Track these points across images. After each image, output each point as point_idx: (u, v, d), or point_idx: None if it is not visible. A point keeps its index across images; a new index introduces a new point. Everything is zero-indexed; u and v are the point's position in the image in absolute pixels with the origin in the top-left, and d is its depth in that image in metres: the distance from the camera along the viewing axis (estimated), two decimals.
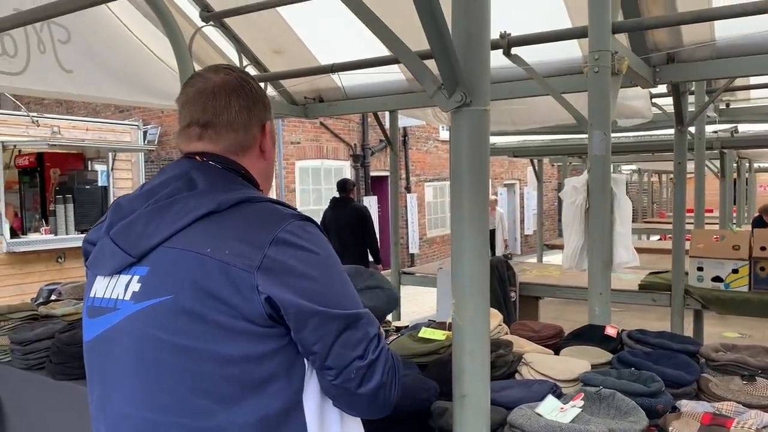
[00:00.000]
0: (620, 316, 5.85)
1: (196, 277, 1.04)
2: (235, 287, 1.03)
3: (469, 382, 1.34)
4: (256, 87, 1.28)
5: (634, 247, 2.62)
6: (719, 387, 1.84)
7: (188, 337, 1.04)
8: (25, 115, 7.94)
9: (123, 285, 1.11)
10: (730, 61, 3.08)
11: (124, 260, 1.12)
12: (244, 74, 1.28)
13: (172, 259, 1.07)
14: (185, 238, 1.07)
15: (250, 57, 4.13)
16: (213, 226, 1.08)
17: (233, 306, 1.03)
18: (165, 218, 1.10)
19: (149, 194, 1.16)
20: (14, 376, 2.71)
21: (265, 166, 1.30)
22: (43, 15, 2.13)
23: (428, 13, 1.19)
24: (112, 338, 1.12)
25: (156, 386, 1.07)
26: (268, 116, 1.29)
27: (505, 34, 2.73)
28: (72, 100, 10.04)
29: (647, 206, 19.79)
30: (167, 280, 1.07)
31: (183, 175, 1.16)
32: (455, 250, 1.33)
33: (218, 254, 1.04)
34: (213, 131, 1.20)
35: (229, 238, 1.06)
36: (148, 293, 1.07)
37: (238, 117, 1.22)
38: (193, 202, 1.10)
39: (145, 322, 1.07)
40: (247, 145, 1.24)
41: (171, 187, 1.14)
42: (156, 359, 1.06)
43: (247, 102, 1.23)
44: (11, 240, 7.55)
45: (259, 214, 1.11)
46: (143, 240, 1.10)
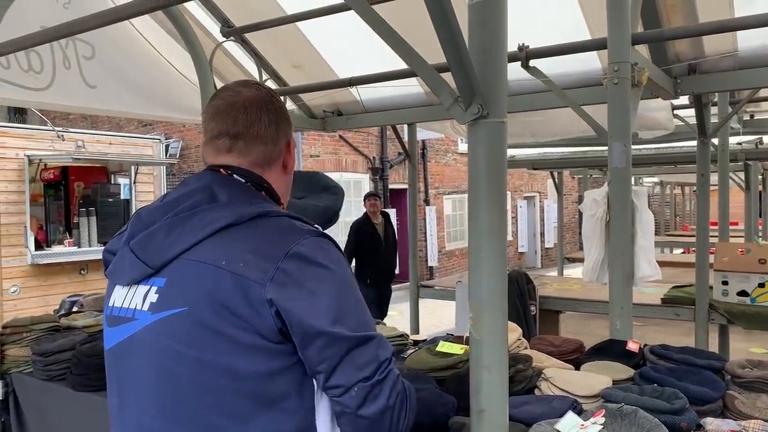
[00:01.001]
0: (642, 331, 5.75)
1: (211, 289, 1.05)
2: (247, 300, 1.03)
3: (487, 397, 1.32)
4: (279, 101, 1.31)
5: (656, 261, 2.58)
6: (745, 404, 1.79)
7: (202, 349, 1.05)
8: (50, 129, 8.10)
9: (141, 295, 1.13)
10: (753, 72, 3.03)
11: (143, 271, 1.13)
12: (270, 90, 1.31)
13: (189, 272, 1.08)
14: (203, 251, 1.08)
15: (270, 71, 4.17)
16: (229, 238, 1.08)
17: (245, 319, 1.03)
18: (184, 230, 1.11)
19: (170, 206, 1.17)
20: (36, 387, 2.74)
21: (287, 181, 1.32)
22: (68, 32, 2.17)
23: (444, 25, 1.19)
24: (130, 348, 1.14)
25: (171, 398, 1.08)
26: (291, 132, 1.33)
27: (524, 47, 2.72)
28: (96, 114, 10.23)
29: (670, 219, 19.50)
30: (183, 291, 1.08)
31: (205, 188, 1.17)
32: (473, 263, 1.32)
33: (232, 266, 1.05)
34: (243, 143, 1.22)
35: (243, 250, 1.06)
36: (165, 304, 1.09)
37: (267, 131, 1.24)
38: (212, 215, 1.11)
39: (161, 333, 1.09)
40: (272, 159, 1.26)
41: (192, 200, 1.15)
42: (172, 371, 1.07)
43: (275, 117, 1.26)
44: (36, 252, 7.67)
45: (276, 228, 1.11)
46: (162, 251, 1.11)
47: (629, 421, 1.56)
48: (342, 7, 3.12)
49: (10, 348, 2.91)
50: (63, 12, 3.50)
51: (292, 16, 3.46)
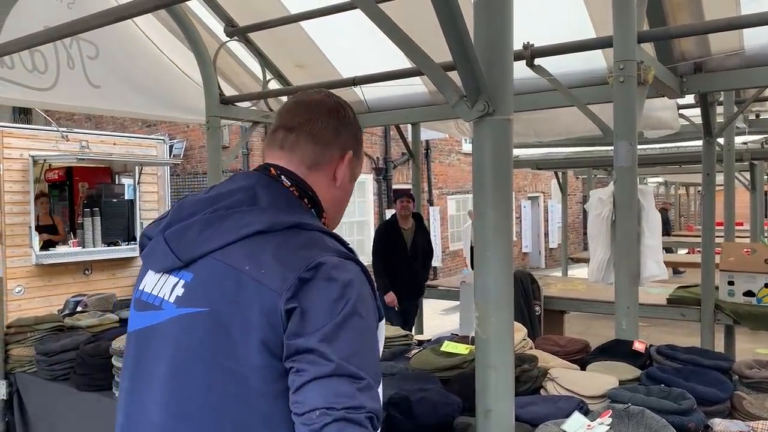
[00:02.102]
0: (648, 331, 5.72)
1: (232, 294, 1.05)
2: (263, 308, 1.02)
3: (493, 397, 1.31)
4: (351, 116, 1.29)
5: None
6: (753, 405, 1.78)
7: (217, 353, 1.04)
8: (55, 130, 8.11)
9: (170, 286, 1.14)
10: (759, 70, 3.01)
11: (174, 263, 1.14)
12: (342, 101, 1.30)
13: (215, 272, 1.08)
14: (231, 253, 1.08)
15: (274, 71, 4.16)
16: (258, 245, 1.08)
17: (259, 328, 1.02)
18: (219, 229, 1.11)
19: (212, 201, 1.17)
20: (40, 387, 2.74)
21: (337, 195, 1.28)
22: (71, 31, 2.17)
23: (450, 22, 1.18)
24: (152, 336, 1.15)
25: (180, 394, 1.08)
26: (353, 147, 1.28)
27: (529, 45, 2.71)
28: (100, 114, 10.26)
29: (675, 219, 19.44)
30: (207, 291, 1.08)
31: (249, 188, 1.17)
32: (478, 262, 1.31)
33: (254, 272, 1.04)
34: (295, 137, 1.23)
35: (268, 258, 1.06)
36: (189, 301, 1.09)
37: (322, 132, 1.24)
38: (248, 218, 1.11)
39: (182, 328, 1.09)
40: (320, 162, 1.24)
41: (234, 199, 1.15)
42: (186, 368, 1.07)
43: (336, 123, 1.25)
44: (40, 252, 7.69)
45: (305, 241, 1.09)
46: (194, 247, 1.12)
47: (636, 422, 1.55)
48: (346, 6, 3.11)
49: (14, 348, 2.91)
50: (67, 12, 3.50)
51: (296, 16, 3.45)
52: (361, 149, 1.32)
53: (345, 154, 1.26)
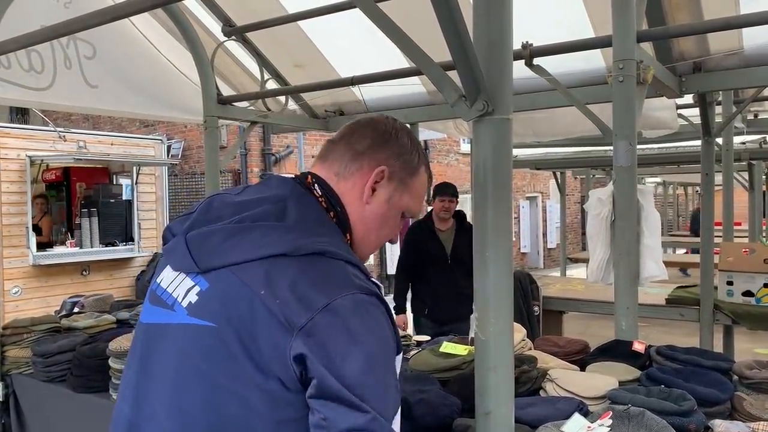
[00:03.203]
0: (646, 332, 5.72)
1: (243, 315, 1.01)
2: (273, 340, 0.99)
3: (493, 398, 1.29)
4: (403, 139, 1.23)
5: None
6: (754, 406, 1.77)
7: (220, 371, 1.02)
8: (52, 130, 8.09)
9: (185, 288, 1.11)
10: (758, 70, 3.00)
11: (191, 267, 1.11)
12: (400, 125, 1.26)
13: (230, 288, 1.05)
14: (250, 271, 1.04)
15: (271, 71, 4.15)
16: (277, 269, 1.03)
17: (267, 358, 0.99)
18: (241, 242, 1.07)
19: (241, 207, 1.14)
20: (36, 388, 2.72)
21: (365, 215, 1.20)
22: (67, 30, 2.16)
23: (449, 21, 1.17)
24: (163, 336, 1.12)
25: (185, 402, 1.05)
26: (396, 169, 1.21)
27: (527, 44, 2.70)
28: (97, 114, 10.23)
29: (673, 219, 19.45)
30: (218, 306, 1.05)
31: (280, 199, 1.13)
32: (478, 263, 1.30)
33: (269, 300, 1.00)
34: (334, 146, 1.22)
35: (285, 287, 1.01)
36: (200, 312, 1.06)
37: (358, 141, 1.21)
38: (272, 236, 1.07)
39: (190, 338, 1.07)
40: (348, 172, 1.19)
41: (262, 209, 1.12)
42: (190, 378, 1.05)
43: (376, 136, 1.21)
44: (37, 253, 7.67)
45: (327, 273, 1.05)
46: (213, 256, 1.08)
47: (637, 423, 1.54)
48: (344, 5, 3.10)
49: (10, 349, 2.90)
50: (63, 11, 3.49)
51: (294, 15, 3.44)
52: (411, 178, 1.23)
53: (377, 168, 1.19)
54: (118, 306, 3.39)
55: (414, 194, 1.25)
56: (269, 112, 4.12)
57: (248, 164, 10.03)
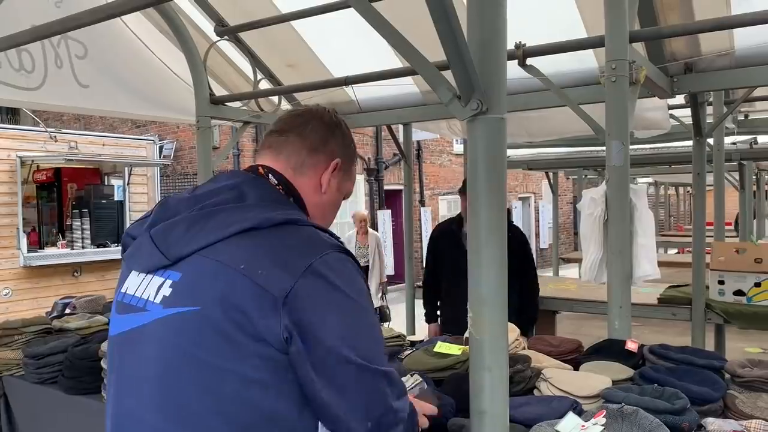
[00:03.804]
0: (639, 331, 5.72)
1: (226, 292, 1.02)
2: (262, 309, 1.00)
3: (488, 398, 1.29)
4: (345, 130, 1.33)
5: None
6: (746, 404, 1.78)
7: (209, 352, 1.02)
8: (43, 130, 8.04)
9: (155, 287, 1.10)
10: (749, 71, 3.02)
11: (161, 261, 1.10)
12: (340, 118, 1.34)
13: (205, 270, 1.05)
14: (222, 250, 1.06)
15: (264, 71, 4.14)
16: (251, 243, 1.06)
17: (256, 327, 1.00)
18: (206, 226, 1.09)
19: (198, 199, 1.16)
20: (27, 390, 2.70)
21: (321, 203, 1.29)
22: (59, 29, 2.14)
23: (443, 20, 1.17)
24: (138, 339, 1.11)
25: (173, 396, 1.05)
26: (343, 156, 1.31)
27: (520, 45, 2.70)
28: (88, 115, 10.18)
29: (664, 219, 19.56)
30: (197, 290, 1.05)
31: (234, 186, 1.16)
32: (472, 262, 1.30)
33: (251, 273, 1.02)
34: (284, 138, 1.27)
35: (264, 258, 1.04)
36: (178, 300, 1.06)
37: (310, 135, 1.27)
38: (237, 215, 1.09)
39: (171, 329, 1.06)
40: (306, 165, 1.26)
41: (220, 197, 1.14)
42: (177, 369, 1.04)
43: (326, 130, 1.29)
44: (28, 254, 7.61)
45: (300, 238, 1.09)
46: (181, 245, 1.09)
47: (630, 422, 1.54)
48: (337, 5, 3.09)
49: (1, 351, 2.87)
50: (55, 11, 3.46)
51: (287, 15, 3.43)
52: (351, 166, 1.34)
53: (332, 161, 1.28)
54: (110, 307, 3.36)
55: (351, 178, 1.37)
56: (262, 112, 4.11)
57: (241, 165, 10.00)
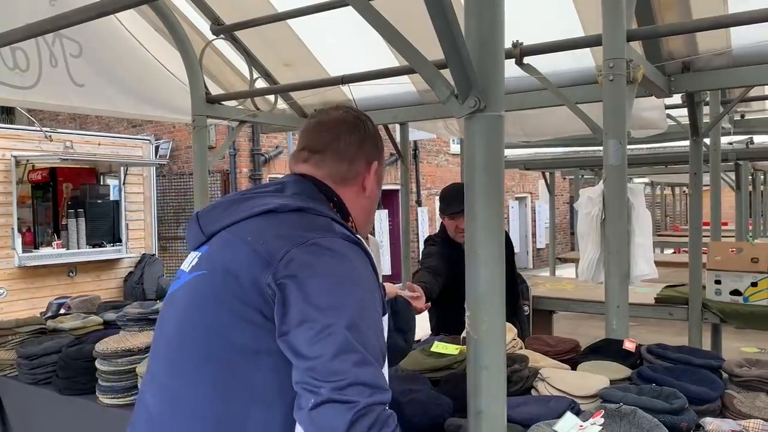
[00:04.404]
0: (636, 331, 5.74)
1: (229, 259, 1.14)
2: (251, 269, 1.09)
3: (485, 398, 1.29)
4: (371, 127, 1.38)
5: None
6: (744, 404, 1.77)
7: (208, 315, 1.13)
8: (38, 130, 8.01)
9: (191, 258, 1.26)
10: (747, 70, 3.01)
11: (199, 239, 1.27)
12: (361, 114, 1.39)
13: (223, 242, 1.20)
14: (241, 227, 1.19)
15: (261, 70, 4.12)
16: (266, 221, 1.18)
17: (245, 290, 1.09)
18: (238, 209, 1.22)
19: (248, 189, 1.31)
20: (21, 391, 2.68)
21: (366, 204, 1.37)
22: (52, 27, 2.13)
23: (441, 18, 1.16)
24: (171, 300, 1.26)
25: (177, 353, 1.16)
26: (378, 157, 1.38)
27: (518, 43, 2.69)
28: (83, 114, 10.14)
29: (660, 219, 19.59)
30: (210, 258, 1.19)
31: (280, 182, 1.30)
32: (469, 262, 1.29)
33: (254, 242, 1.13)
34: (320, 157, 1.32)
35: (270, 232, 1.14)
36: (197, 267, 1.21)
37: (346, 150, 1.32)
38: (265, 200, 1.22)
39: (188, 291, 1.20)
40: (348, 177, 1.32)
41: (264, 189, 1.28)
42: (183, 328, 1.17)
43: (358, 138, 1.34)
44: (23, 254, 7.58)
45: (312, 222, 1.17)
46: (215, 223, 1.24)
47: (628, 422, 1.53)
48: (334, 3, 3.08)
49: None
50: (50, 9, 3.43)
51: (283, 14, 3.41)
52: (383, 155, 1.40)
53: (370, 166, 1.35)
54: (105, 307, 3.34)
55: (384, 167, 1.44)
56: (258, 111, 4.09)
57: (237, 164, 9.97)
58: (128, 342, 2.40)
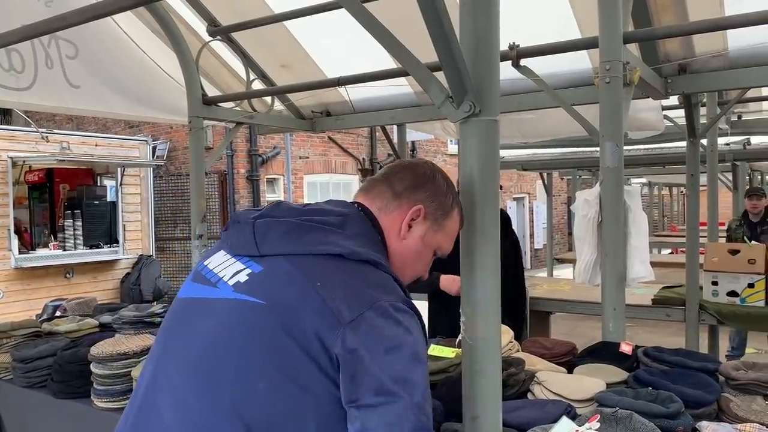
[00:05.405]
0: (632, 332, 5.74)
1: (295, 299, 1.09)
2: (319, 327, 1.06)
3: (481, 402, 1.28)
4: (440, 182, 1.31)
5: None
6: (741, 407, 1.77)
7: (258, 347, 1.08)
8: (34, 131, 7.99)
9: (234, 270, 1.18)
10: (743, 72, 3.02)
11: (251, 250, 1.19)
12: (438, 169, 1.35)
13: (286, 273, 1.13)
14: (307, 263, 1.13)
15: (257, 71, 4.12)
16: (333, 267, 1.13)
17: (308, 339, 1.06)
18: (302, 238, 1.16)
19: (307, 212, 1.23)
20: (16, 395, 2.67)
21: (401, 250, 1.29)
22: (47, 29, 2.12)
23: (436, 21, 1.16)
24: (199, 310, 1.19)
25: (216, 369, 1.11)
26: (429, 209, 1.28)
27: (514, 45, 2.69)
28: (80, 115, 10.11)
29: (658, 220, 19.62)
30: (271, 287, 1.12)
31: (341, 215, 1.23)
32: (465, 265, 1.28)
33: (323, 292, 1.08)
34: (373, 183, 1.33)
35: (340, 284, 1.10)
36: (249, 290, 1.13)
37: (396, 182, 1.30)
38: (331, 238, 1.17)
39: (234, 313, 1.13)
40: (390, 208, 1.28)
41: (327, 218, 1.21)
42: (222, 350, 1.12)
43: (415, 179, 1.30)
44: (19, 255, 7.55)
45: (376, 279, 1.15)
46: (275, 244, 1.17)
47: (624, 426, 1.53)
48: (330, 5, 3.08)
49: None
50: (45, 11, 3.42)
51: (280, 15, 3.41)
52: (444, 219, 1.30)
53: (413, 207, 1.28)
54: (101, 309, 3.33)
55: (446, 234, 1.32)
56: (255, 112, 4.08)
57: (235, 165, 9.96)
58: (123, 345, 2.39)
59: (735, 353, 5.54)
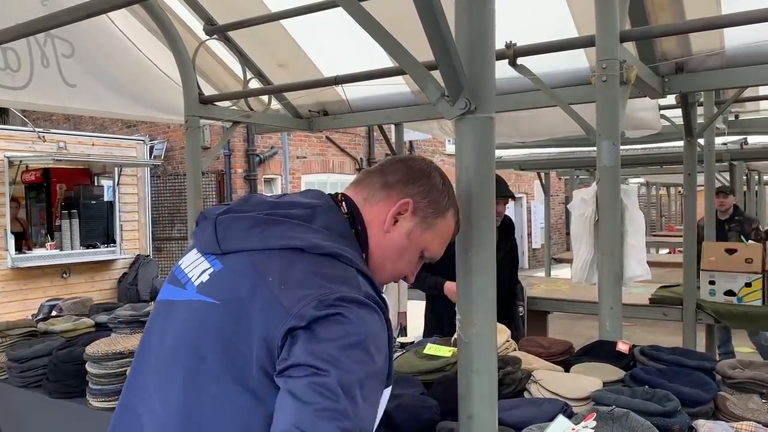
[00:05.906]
0: (630, 331, 5.72)
1: (244, 296, 1.05)
2: (267, 322, 1.01)
3: (476, 401, 1.28)
4: (435, 180, 1.24)
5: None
6: (737, 406, 1.77)
7: (209, 349, 1.06)
8: (31, 130, 7.97)
9: (201, 269, 1.16)
10: (740, 71, 3.01)
11: (214, 248, 1.16)
12: (435, 166, 1.28)
13: (241, 270, 1.09)
14: (264, 258, 1.09)
15: (254, 70, 4.11)
16: (290, 260, 1.08)
17: (254, 335, 1.02)
18: (265, 232, 1.12)
19: (275, 205, 1.19)
20: (11, 394, 2.66)
21: (383, 244, 1.21)
22: (41, 27, 2.11)
23: (431, 19, 1.15)
24: (169, 311, 1.18)
25: (173, 374, 1.10)
26: (419, 205, 1.22)
27: (511, 44, 2.69)
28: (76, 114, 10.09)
29: (656, 219, 19.64)
30: (225, 285, 1.10)
31: (311, 206, 1.18)
32: (461, 264, 1.28)
33: (274, 285, 1.04)
34: (369, 175, 1.27)
35: (293, 277, 1.05)
36: (209, 290, 1.11)
37: (389, 174, 1.24)
38: (295, 231, 1.12)
39: (193, 314, 1.11)
40: (377, 198, 1.22)
41: (294, 211, 1.16)
42: (183, 353, 1.10)
43: (408, 175, 1.24)
44: (16, 255, 7.54)
45: (336, 272, 1.08)
46: (236, 240, 1.14)
47: (620, 425, 1.53)
48: (327, 4, 3.07)
49: None
50: (41, 9, 3.41)
51: (277, 14, 3.40)
52: (436, 219, 1.23)
53: (401, 200, 1.21)
54: (97, 309, 3.32)
55: (436, 234, 1.24)
56: (252, 111, 4.07)
57: (232, 165, 9.95)
58: (119, 344, 2.38)
59: (721, 350, 5.55)
